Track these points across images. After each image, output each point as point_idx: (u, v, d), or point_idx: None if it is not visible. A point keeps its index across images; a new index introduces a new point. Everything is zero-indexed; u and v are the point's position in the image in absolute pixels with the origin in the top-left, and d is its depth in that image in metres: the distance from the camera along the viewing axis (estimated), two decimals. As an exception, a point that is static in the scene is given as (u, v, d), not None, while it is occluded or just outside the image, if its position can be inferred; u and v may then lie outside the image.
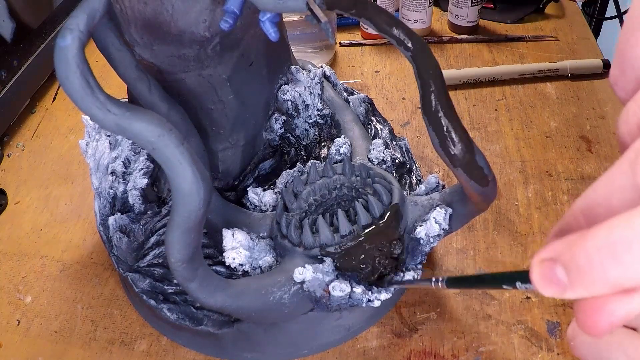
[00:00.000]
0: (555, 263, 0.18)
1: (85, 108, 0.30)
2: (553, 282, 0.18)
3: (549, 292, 0.18)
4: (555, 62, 0.73)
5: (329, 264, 0.40)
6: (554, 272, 0.18)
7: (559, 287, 0.18)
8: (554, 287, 0.18)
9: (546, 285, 0.18)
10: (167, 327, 0.47)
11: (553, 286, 0.18)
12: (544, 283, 0.18)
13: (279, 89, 0.52)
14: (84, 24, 0.30)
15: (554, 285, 0.18)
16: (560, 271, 0.18)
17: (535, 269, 0.19)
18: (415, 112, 0.69)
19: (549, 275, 0.18)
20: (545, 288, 0.18)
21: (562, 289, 0.18)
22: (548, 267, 0.18)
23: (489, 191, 0.38)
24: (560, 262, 0.18)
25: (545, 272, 0.18)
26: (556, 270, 0.18)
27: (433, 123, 0.35)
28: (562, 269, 0.18)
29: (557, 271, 0.18)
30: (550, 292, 0.18)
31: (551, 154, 0.62)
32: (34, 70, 0.70)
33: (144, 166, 0.49)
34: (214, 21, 0.40)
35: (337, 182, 0.46)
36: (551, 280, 0.18)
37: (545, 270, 0.18)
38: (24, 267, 0.54)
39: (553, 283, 0.18)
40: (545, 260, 0.18)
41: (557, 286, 0.18)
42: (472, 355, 0.45)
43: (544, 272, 0.18)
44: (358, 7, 0.34)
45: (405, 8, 0.80)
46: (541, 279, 0.19)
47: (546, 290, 0.19)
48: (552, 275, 0.18)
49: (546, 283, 0.18)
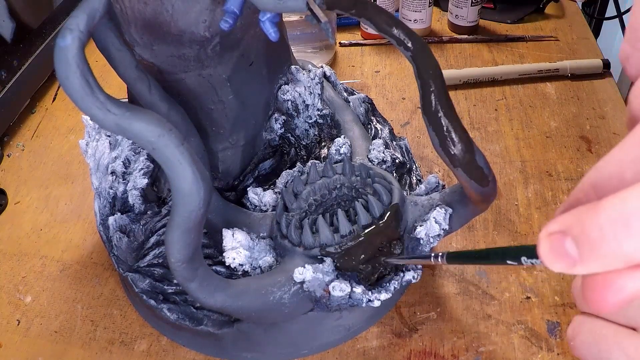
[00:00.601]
0: (565, 236, 0.17)
1: (85, 108, 0.30)
2: (562, 256, 0.17)
3: (558, 267, 0.17)
4: (555, 62, 0.73)
5: (329, 264, 0.40)
6: (563, 245, 0.17)
7: (568, 261, 0.17)
8: (563, 261, 0.17)
9: (555, 260, 0.17)
10: (167, 327, 0.47)
11: (562, 260, 0.17)
12: (552, 257, 0.17)
13: (279, 89, 0.52)
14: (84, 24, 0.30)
15: (563, 259, 0.17)
16: (570, 244, 0.17)
17: (543, 242, 0.18)
18: (415, 112, 0.69)
19: (558, 248, 0.17)
20: (554, 262, 0.18)
21: (572, 263, 0.17)
22: (557, 240, 0.17)
23: (489, 191, 0.38)
24: (571, 235, 0.17)
25: (554, 246, 0.17)
26: (566, 243, 0.17)
27: (433, 123, 0.35)
28: (572, 242, 0.17)
29: (566, 244, 0.17)
30: (559, 267, 0.17)
31: (551, 154, 0.62)
32: (34, 70, 0.70)
33: (144, 166, 0.49)
34: (214, 21, 0.40)
35: (337, 182, 0.46)
36: (560, 254, 0.17)
37: (554, 244, 0.17)
38: (24, 267, 0.54)
39: (562, 257, 0.17)
40: (553, 233, 0.17)
41: (567, 260, 0.17)
42: (472, 355, 0.45)
43: (552, 246, 0.17)
44: (358, 7, 0.34)
45: (405, 8, 0.80)
46: (550, 252, 0.18)
47: (555, 265, 0.18)
48: (561, 249, 0.17)
49: (555, 257, 0.17)
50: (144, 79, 0.39)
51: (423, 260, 0.37)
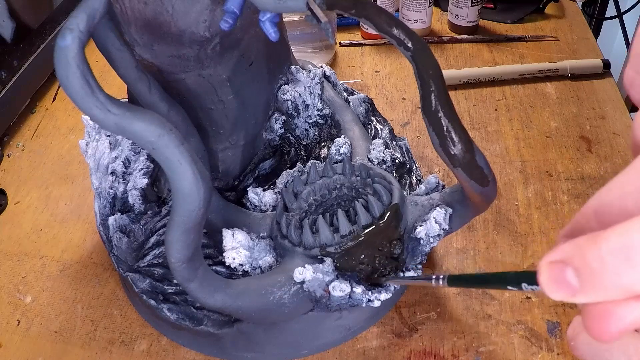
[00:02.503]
0: (566, 265, 0.17)
1: (85, 108, 0.30)
2: (563, 285, 0.17)
3: (558, 296, 0.18)
4: (555, 62, 0.73)
5: (329, 264, 0.40)
6: (564, 275, 0.17)
7: (569, 291, 0.17)
8: (563, 291, 0.18)
9: (556, 289, 0.18)
10: (167, 327, 0.47)
11: (563, 289, 0.18)
12: (553, 286, 0.18)
13: (279, 89, 0.52)
14: (84, 24, 0.30)
15: (563, 289, 0.18)
16: (571, 274, 0.17)
17: (543, 271, 0.18)
18: (415, 112, 0.69)
19: (558, 278, 0.18)
20: (555, 291, 0.18)
21: (572, 292, 0.17)
22: (558, 269, 0.18)
23: (489, 191, 0.38)
24: (572, 265, 0.17)
25: (554, 275, 0.18)
26: (566, 273, 0.17)
27: (433, 123, 0.35)
28: (572, 272, 0.17)
29: (567, 274, 0.17)
30: (560, 296, 0.18)
31: (551, 154, 0.62)
32: (34, 70, 0.70)
33: (144, 166, 0.49)
34: (214, 21, 0.40)
35: (337, 182, 0.46)
36: (561, 283, 0.18)
37: (554, 273, 0.18)
38: (24, 267, 0.54)
39: (563, 286, 0.17)
40: (554, 262, 0.18)
41: (567, 289, 0.17)
42: (472, 355, 0.45)
43: (553, 275, 0.18)
44: (358, 7, 0.34)
45: (405, 8, 0.80)
46: (550, 281, 0.18)
47: (555, 294, 0.18)
48: (562, 278, 0.17)
49: (556, 286, 0.18)
50: (144, 79, 0.39)
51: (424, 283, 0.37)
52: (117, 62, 0.37)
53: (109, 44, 0.36)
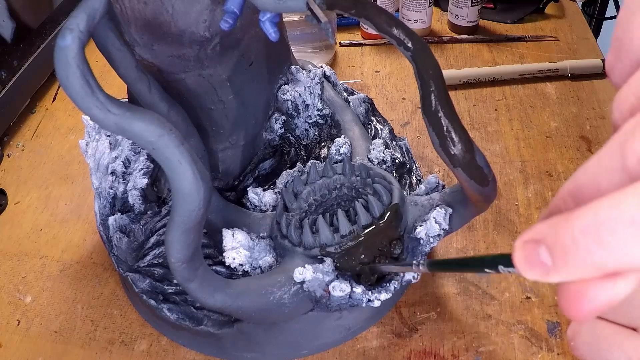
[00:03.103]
0: (539, 244, 0.17)
1: (85, 108, 0.30)
2: (536, 264, 0.17)
3: (532, 275, 0.18)
4: (555, 62, 0.73)
5: (329, 264, 0.40)
6: (537, 253, 0.17)
7: (542, 270, 0.17)
8: (537, 270, 0.17)
9: (529, 268, 0.18)
10: (167, 327, 0.47)
11: (536, 268, 0.17)
12: (526, 265, 0.18)
13: (279, 89, 0.52)
14: (84, 24, 0.30)
15: (537, 268, 0.17)
16: (544, 253, 0.17)
17: (518, 250, 0.18)
18: (415, 112, 0.69)
19: (532, 257, 0.17)
20: (528, 270, 0.18)
21: (546, 271, 0.17)
22: (531, 248, 0.18)
23: (489, 191, 0.38)
24: (544, 244, 0.17)
25: (528, 254, 0.18)
26: (540, 251, 0.17)
27: (433, 123, 0.35)
28: (545, 251, 0.17)
29: (540, 253, 0.17)
30: (533, 275, 0.18)
31: (551, 154, 0.62)
32: (34, 70, 0.70)
33: (144, 166, 0.49)
34: (214, 21, 0.40)
35: (337, 182, 0.46)
36: (534, 262, 0.17)
37: (528, 252, 0.18)
38: (24, 267, 0.54)
39: (536, 265, 0.17)
40: (528, 241, 0.18)
41: (541, 268, 0.17)
42: (472, 355, 0.45)
43: (527, 254, 0.18)
44: (358, 7, 0.34)
45: (405, 8, 0.80)
46: (524, 261, 0.18)
47: (529, 273, 0.18)
48: (535, 257, 0.17)
49: (529, 265, 0.18)
50: (144, 79, 0.39)
51: (405, 268, 0.37)
52: (117, 62, 0.37)
53: (109, 44, 0.36)
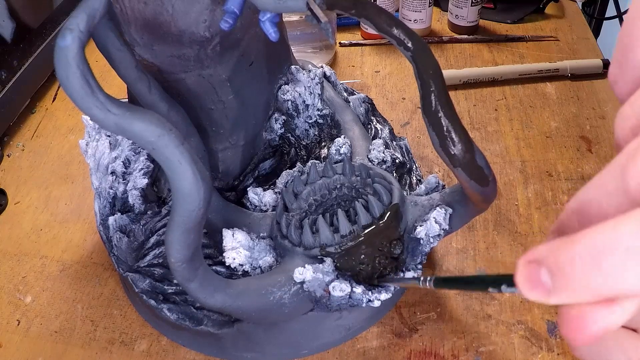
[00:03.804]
0: (540, 266, 0.17)
1: (85, 108, 0.30)
2: (537, 285, 0.18)
3: (533, 296, 0.18)
4: (555, 62, 0.73)
5: (329, 264, 0.40)
6: (538, 275, 0.17)
7: (543, 291, 0.17)
8: (538, 291, 0.18)
9: (530, 289, 0.18)
10: (167, 327, 0.47)
11: (537, 290, 0.18)
12: (528, 286, 0.18)
13: (279, 89, 0.52)
14: (84, 24, 0.30)
15: (538, 289, 0.18)
16: (545, 275, 0.17)
17: (520, 271, 0.18)
18: (415, 112, 0.69)
19: (533, 278, 0.18)
20: (530, 291, 0.18)
21: (546, 293, 0.17)
22: (533, 269, 0.18)
23: (489, 191, 0.38)
24: (545, 266, 0.17)
25: (530, 275, 0.18)
26: (541, 273, 0.17)
27: (433, 123, 0.35)
28: (546, 273, 0.17)
29: (541, 274, 0.17)
30: (535, 296, 0.18)
31: (551, 154, 0.62)
32: (34, 70, 0.70)
33: (144, 166, 0.49)
34: (214, 21, 0.40)
35: (337, 182, 0.46)
36: (536, 283, 0.18)
37: (530, 273, 0.18)
38: (24, 267, 0.54)
39: (537, 286, 0.18)
40: (530, 262, 0.18)
41: (542, 290, 0.17)
42: (472, 355, 0.45)
43: (528, 275, 0.18)
44: (358, 7, 0.34)
45: (405, 8, 0.80)
46: (526, 281, 0.18)
47: (530, 294, 0.18)
48: (536, 279, 0.18)
49: (530, 286, 0.18)
50: (144, 79, 0.39)
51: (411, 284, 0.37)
52: (117, 62, 0.37)
53: (109, 44, 0.36)
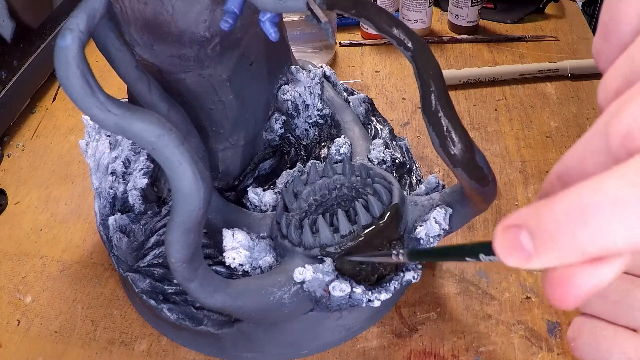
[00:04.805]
0: (520, 229, 0.17)
1: (85, 108, 0.30)
2: (517, 249, 0.17)
3: (512, 261, 0.17)
4: (555, 62, 0.73)
5: (329, 264, 0.40)
6: (518, 238, 0.17)
7: (522, 255, 0.17)
8: (517, 255, 0.17)
9: (509, 253, 0.17)
10: (167, 327, 0.47)
11: (517, 254, 0.17)
12: (506, 251, 0.17)
13: (279, 89, 0.52)
14: (84, 24, 0.30)
15: (517, 253, 0.17)
16: (525, 237, 0.17)
17: (498, 236, 0.17)
18: (415, 112, 0.69)
19: (512, 242, 0.17)
20: (508, 256, 0.17)
21: (527, 257, 0.17)
22: (512, 233, 0.17)
23: (489, 191, 0.38)
24: (526, 228, 0.17)
25: (508, 239, 0.17)
26: (521, 236, 0.17)
27: (433, 123, 0.35)
28: (527, 235, 0.17)
29: (521, 237, 0.17)
30: (514, 261, 0.17)
31: (551, 154, 0.62)
32: (34, 70, 0.70)
33: (144, 166, 0.49)
34: (214, 21, 0.40)
35: (337, 182, 0.46)
36: (515, 247, 0.17)
37: (508, 237, 0.17)
38: (24, 267, 0.54)
39: (517, 250, 0.17)
40: (509, 226, 0.17)
41: (521, 254, 0.17)
42: (472, 355, 0.45)
43: (507, 239, 0.17)
44: (358, 7, 0.34)
45: (405, 8, 0.80)
46: (503, 246, 0.17)
47: (509, 259, 0.17)
48: (516, 242, 0.17)
49: (509, 251, 0.17)
50: (144, 79, 0.39)
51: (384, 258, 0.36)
52: (117, 62, 0.37)
53: (109, 44, 0.36)
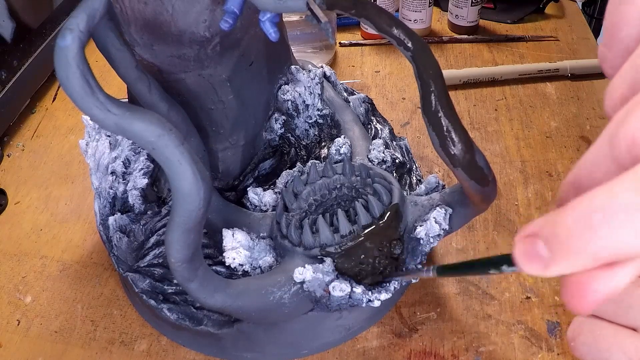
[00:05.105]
0: (537, 238, 0.17)
1: (85, 108, 0.30)
2: (535, 257, 0.17)
3: (531, 270, 0.18)
4: (555, 62, 0.73)
5: (329, 264, 0.40)
6: (535, 247, 0.17)
7: (540, 263, 0.17)
8: (535, 263, 0.18)
9: (528, 262, 0.18)
10: (167, 327, 0.47)
11: (535, 262, 0.18)
12: (525, 260, 0.18)
13: (279, 89, 0.52)
14: (84, 24, 0.30)
15: (535, 261, 0.17)
16: (542, 246, 0.17)
17: (517, 246, 0.18)
18: (415, 112, 0.69)
19: (530, 251, 0.18)
20: (527, 265, 0.18)
21: (544, 265, 0.17)
22: (530, 242, 0.18)
23: (489, 191, 0.38)
24: (541, 237, 0.17)
25: (526, 249, 0.18)
26: (537, 245, 0.17)
27: (433, 123, 0.35)
28: (543, 244, 0.17)
29: (538, 246, 0.17)
30: (533, 270, 0.18)
31: (551, 154, 0.62)
32: (34, 70, 0.70)
33: (144, 166, 0.49)
34: (214, 21, 0.40)
35: (337, 182, 0.46)
36: (532, 256, 0.18)
37: (526, 247, 0.18)
38: (24, 267, 0.54)
39: (535, 259, 0.17)
40: (526, 236, 0.18)
41: (539, 262, 0.17)
42: (472, 355, 0.45)
43: (525, 249, 0.18)
44: (358, 7, 0.34)
45: (405, 8, 0.80)
46: (522, 256, 0.18)
47: (528, 268, 0.18)
48: (533, 251, 0.17)
49: (528, 259, 0.18)
50: (144, 79, 0.39)
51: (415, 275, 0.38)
52: (117, 62, 0.37)
53: (109, 44, 0.36)
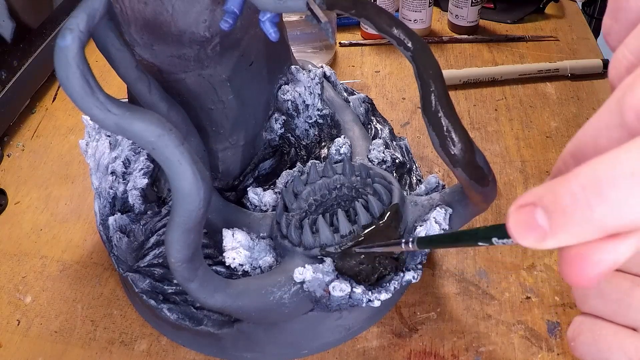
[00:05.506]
0: (535, 207, 0.16)
1: (85, 108, 0.30)
2: (532, 228, 0.16)
3: (527, 241, 0.16)
4: (555, 62, 0.73)
5: (329, 264, 0.40)
6: (533, 216, 0.16)
7: (538, 234, 0.16)
8: (532, 234, 0.16)
9: (524, 233, 0.16)
10: (167, 327, 0.47)
11: (532, 233, 0.16)
12: (521, 230, 0.16)
13: (279, 89, 0.52)
14: (84, 24, 0.30)
15: (533, 232, 0.16)
16: (541, 215, 0.16)
17: (512, 216, 0.17)
18: (415, 112, 0.69)
19: (527, 221, 0.16)
20: (523, 236, 0.16)
21: (542, 235, 0.16)
22: (527, 212, 0.16)
23: (489, 191, 0.38)
24: (541, 206, 0.16)
25: (523, 218, 0.16)
26: (536, 214, 0.16)
27: (433, 123, 0.35)
28: (542, 213, 0.16)
29: (536, 215, 0.16)
30: (529, 241, 0.16)
31: (551, 154, 0.62)
32: (34, 70, 0.70)
33: (144, 166, 0.49)
34: (214, 21, 0.40)
35: (337, 182, 0.46)
36: (530, 226, 0.16)
37: (523, 216, 0.16)
38: (24, 267, 0.54)
39: (532, 229, 0.16)
40: (523, 205, 0.17)
41: (537, 232, 0.16)
42: (472, 355, 0.45)
43: (521, 218, 0.16)
44: (358, 7, 0.34)
45: (405, 8, 0.80)
46: (518, 226, 0.17)
47: (524, 239, 0.16)
48: (531, 221, 0.16)
49: (524, 230, 0.16)
50: (144, 79, 0.39)
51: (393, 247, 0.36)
52: (117, 62, 0.37)
53: (109, 44, 0.36)
